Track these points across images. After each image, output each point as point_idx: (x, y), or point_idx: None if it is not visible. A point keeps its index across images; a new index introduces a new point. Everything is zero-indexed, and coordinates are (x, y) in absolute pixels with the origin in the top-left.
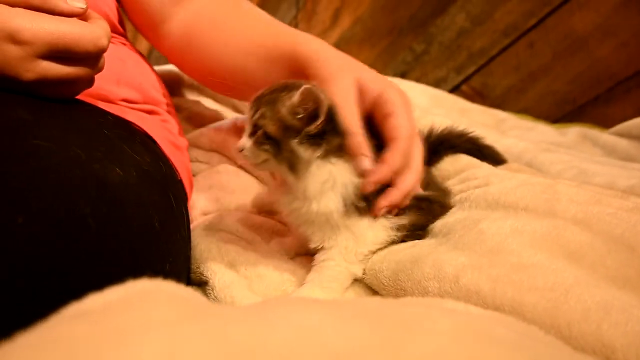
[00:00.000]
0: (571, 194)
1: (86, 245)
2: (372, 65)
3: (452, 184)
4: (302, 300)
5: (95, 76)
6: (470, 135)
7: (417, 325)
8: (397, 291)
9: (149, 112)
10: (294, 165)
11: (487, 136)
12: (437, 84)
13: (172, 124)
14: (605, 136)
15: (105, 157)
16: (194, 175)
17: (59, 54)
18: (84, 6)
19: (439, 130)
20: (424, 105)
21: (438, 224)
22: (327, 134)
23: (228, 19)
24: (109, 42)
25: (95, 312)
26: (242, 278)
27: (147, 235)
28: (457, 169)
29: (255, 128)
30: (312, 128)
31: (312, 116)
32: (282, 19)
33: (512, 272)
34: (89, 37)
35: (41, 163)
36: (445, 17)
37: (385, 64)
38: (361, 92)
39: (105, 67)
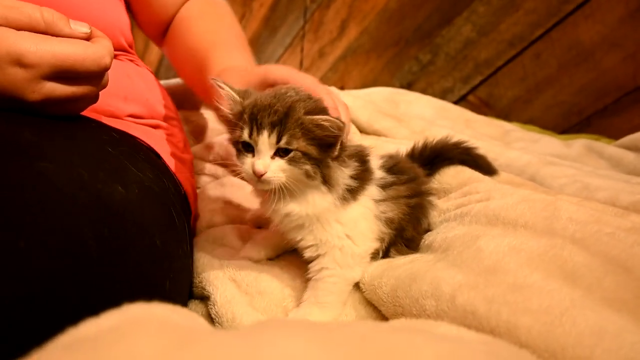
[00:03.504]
0: (571, 212)
1: (86, 268)
2: (379, 75)
3: (453, 197)
4: (292, 326)
5: (104, 93)
6: (464, 145)
7: (400, 355)
8: (395, 307)
9: (155, 127)
10: (329, 178)
11: (493, 148)
12: (443, 94)
13: (178, 137)
14: (611, 149)
15: (108, 176)
16: (198, 188)
17: (63, 74)
18: (88, 31)
19: (434, 143)
20: (430, 117)
21: (438, 239)
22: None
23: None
24: (112, 60)
25: (88, 341)
26: (243, 294)
27: (148, 255)
28: (459, 182)
29: (282, 150)
30: (337, 146)
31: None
32: (290, 29)
33: (507, 293)
34: (92, 57)
35: (45, 187)
36: (451, 28)
37: (391, 74)
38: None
39: (112, 83)
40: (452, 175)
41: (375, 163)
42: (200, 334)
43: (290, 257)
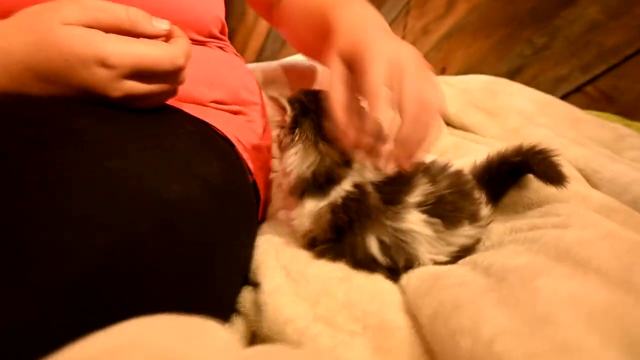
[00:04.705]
0: None
1: (141, 266)
2: (485, 56)
3: (530, 215)
4: (290, 357)
5: (189, 81)
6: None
7: None
8: (433, 334)
9: (236, 113)
10: None
11: (595, 158)
12: (556, 82)
13: (258, 124)
14: None
15: (170, 172)
16: (275, 172)
17: (142, 73)
18: (168, 28)
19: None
20: (529, 112)
21: (497, 264)
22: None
23: None
24: (188, 60)
25: None
26: (290, 282)
27: (203, 252)
28: (540, 199)
29: None
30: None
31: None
32: (395, 3)
33: (552, 353)
34: (168, 58)
35: (105, 184)
36: (575, 9)
37: (499, 57)
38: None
39: (199, 71)
40: (534, 190)
41: None
42: None
43: None
